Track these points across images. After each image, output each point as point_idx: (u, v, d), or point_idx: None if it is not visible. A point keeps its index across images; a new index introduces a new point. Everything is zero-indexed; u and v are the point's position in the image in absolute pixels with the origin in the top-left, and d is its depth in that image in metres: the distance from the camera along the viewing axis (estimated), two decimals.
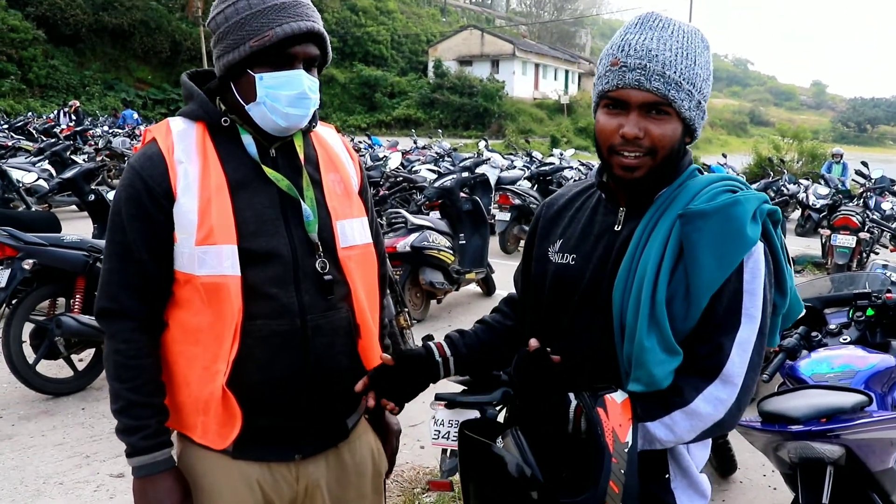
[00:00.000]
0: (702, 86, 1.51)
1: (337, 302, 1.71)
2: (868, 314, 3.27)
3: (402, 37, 57.22)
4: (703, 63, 1.51)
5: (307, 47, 1.63)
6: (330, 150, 1.84)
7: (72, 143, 15.48)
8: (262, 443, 1.70)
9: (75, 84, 36.67)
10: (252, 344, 1.61)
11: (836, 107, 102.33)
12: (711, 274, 1.42)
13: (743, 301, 1.45)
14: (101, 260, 4.74)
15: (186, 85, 1.71)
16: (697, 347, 1.45)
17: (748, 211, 1.45)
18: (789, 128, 27.67)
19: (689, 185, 1.54)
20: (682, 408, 1.44)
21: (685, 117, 1.50)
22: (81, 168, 7.67)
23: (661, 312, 1.43)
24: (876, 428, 2.38)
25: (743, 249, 1.44)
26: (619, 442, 1.39)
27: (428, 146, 19.43)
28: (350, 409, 1.84)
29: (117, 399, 1.64)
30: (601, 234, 1.62)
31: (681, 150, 1.55)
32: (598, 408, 1.43)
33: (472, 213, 7.60)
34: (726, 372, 1.43)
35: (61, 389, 5.00)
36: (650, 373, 1.42)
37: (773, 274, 1.51)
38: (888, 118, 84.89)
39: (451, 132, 41.53)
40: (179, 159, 1.61)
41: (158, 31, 41.38)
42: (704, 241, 1.43)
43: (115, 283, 1.64)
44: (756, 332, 1.46)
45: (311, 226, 1.69)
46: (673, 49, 1.47)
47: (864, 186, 11.77)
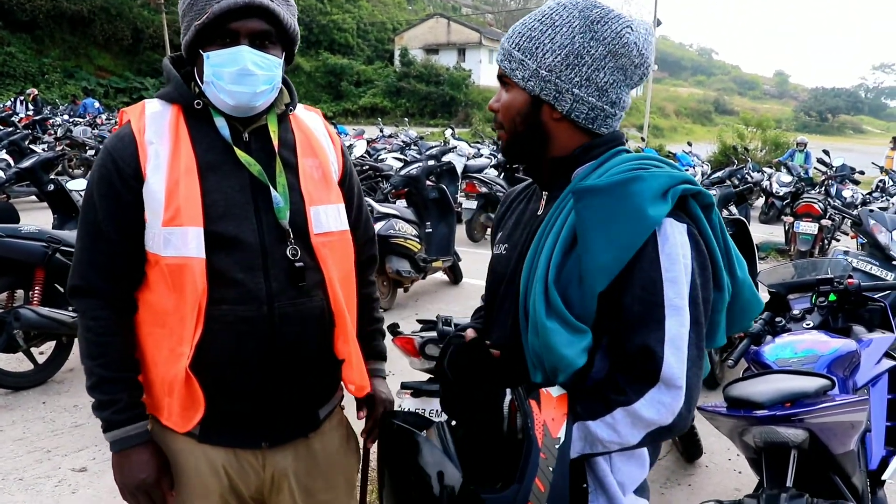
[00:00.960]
0: (544, 55, 1.44)
1: (309, 290, 1.70)
2: (830, 299, 3.32)
3: (368, 25, 56.83)
4: (561, 34, 1.44)
5: (249, 22, 1.60)
6: (310, 134, 1.82)
7: (30, 132, 15.16)
8: (227, 428, 1.70)
9: (34, 72, 35.84)
10: (217, 329, 1.60)
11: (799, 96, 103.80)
12: (603, 255, 1.32)
13: (664, 292, 1.31)
14: (60, 251, 4.75)
15: (166, 68, 1.73)
16: (623, 345, 1.35)
17: (651, 187, 1.33)
18: (753, 117, 27.96)
19: (606, 165, 1.46)
20: (624, 406, 1.31)
21: (523, 87, 1.47)
22: (40, 157, 7.53)
23: (553, 294, 1.34)
24: (838, 411, 2.41)
25: (641, 229, 1.31)
26: (549, 437, 1.29)
27: (394, 135, 19.35)
28: (322, 400, 1.83)
29: (90, 376, 1.67)
30: (528, 220, 1.58)
31: (538, 126, 1.49)
32: (530, 399, 1.34)
33: (439, 201, 7.59)
34: (665, 375, 1.30)
35: (21, 383, 4.89)
36: (560, 354, 1.32)
37: (705, 262, 1.39)
38: (848, 108, 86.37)
39: (418, 121, 41.39)
40: (150, 140, 1.62)
41: (119, 18, 40.58)
42: (594, 219, 1.34)
43: (85, 262, 1.67)
44: (687, 323, 1.32)
45: (281, 212, 1.67)
46: (527, 23, 1.48)
47: (825, 174, 11.95)
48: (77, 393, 4.87)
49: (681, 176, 1.39)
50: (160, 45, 39.70)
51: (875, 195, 11.46)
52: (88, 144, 15.60)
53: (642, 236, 1.31)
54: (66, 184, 6.75)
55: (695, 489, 3.94)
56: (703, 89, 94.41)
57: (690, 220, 1.39)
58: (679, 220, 1.37)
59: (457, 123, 38.22)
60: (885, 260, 5.04)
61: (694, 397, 1.34)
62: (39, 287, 4.88)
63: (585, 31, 1.43)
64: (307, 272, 1.69)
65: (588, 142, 1.49)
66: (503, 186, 10.38)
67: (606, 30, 1.43)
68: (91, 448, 4.10)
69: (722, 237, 1.45)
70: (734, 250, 1.48)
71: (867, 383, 2.91)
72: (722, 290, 1.42)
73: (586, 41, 1.43)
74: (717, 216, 1.45)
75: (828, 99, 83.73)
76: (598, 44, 1.43)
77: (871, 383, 2.94)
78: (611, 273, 1.31)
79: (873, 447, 2.87)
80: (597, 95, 1.45)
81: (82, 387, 4.97)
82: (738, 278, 1.47)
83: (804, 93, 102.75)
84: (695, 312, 1.34)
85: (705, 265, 1.38)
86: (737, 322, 1.52)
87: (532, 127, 1.49)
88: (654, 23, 31.99)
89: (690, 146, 20.16)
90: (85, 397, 4.66)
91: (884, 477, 2.86)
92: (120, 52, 41.44)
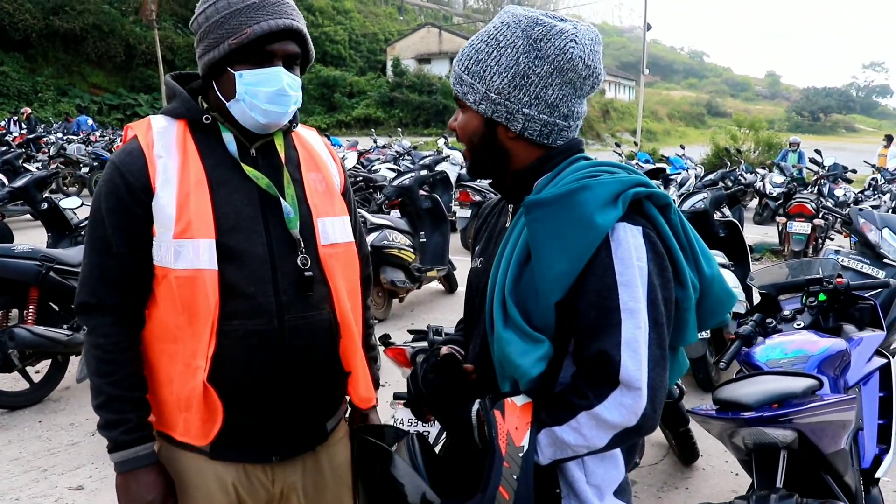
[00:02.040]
0: (491, 78, 1.45)
1: (317, 302, 1.71)
2: (820, 299, 3.33)
3: (360, 36, 56.95)
4: (506, 55, 1.45)
5: (286, 45, 1.64)
6: (312, 150, 1.85)
7: (24, 151, 15.16)
8: (238, 443, 1.69)
9: (27, 90, 35.85)
10: (229, 344, 1.61)
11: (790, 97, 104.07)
12: (556, 266, 1.34)
13: (619, 296, 1.32)
14: (54, 269, 4.76)
15: (170, 84, 1.74)
16: (582, 352, 1.36)
17: (599, 195, 1.35)
18: (745, 118, 27.96)
19: (563, 174, 1.47)
20: (586, 410, 1.32)
21: (476, 111, 1.49)
22: (33, 176, 7.52)
23: (509, 305, 1.37)
24: (827, 411, 2.42)
25: (591, 238, 1.33)
26: (513, 446, 1.30)
27: (388, 145, 19.36)
28: (330, 412, 1.84)
29: (98, 394, 1.65)
30: (499, 233, 1.60)
31: (495, 145, 1.51)
32: (495, 409, 1.35)
33: (432, 210, 7.61)
34: (624, 378, 1.30)
35: (17, 402, 4.90)
36: (515, 364, 1.34)
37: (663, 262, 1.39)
38: (840, 107, 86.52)
39: (412, 130, 41.44)
40: (159, 154, 1.62)
41: (112, 35, 40.60)
42: (544, 232, 1.36)
43: (94, 277, 1.65)
44: (644, 325, 1.32)
45: (291, 222, 1.69)
46: (474, 45, 1.49)
47: (817, 174, 11.99)
48: (73, 411, 4.87)
49: (633, 180, 1.41)
50: (153, 61, 39.69)
51: (867, 193, 11.48)
52: (83, 162, 15.63)
53: (593, 244, 1.33)
54: (58, 202, 6.75)
55: (692, 492, 3.94)
56: (695, 92, 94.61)
57: (647, 222, 1.40)
58: (633, 223, 1.38)
59: (450, 132, 38.20)
60: (876, 258, 5.06)
61: (659, 397, 1.34)
62: (34, 306, 4.88)
63: (529, 50, 1.43)
64: (315, 284, 1.70)
65: (544, 154, 1.51)
66: (496, 195, 10.38)
67: (550, 47, 1.42)
68: (87, 466, 4.10)
69: (684, 235, 1.46)
70: (700, 246, 1.49)
71: (858, 382, 2.92)
72: (686, 287, 1.43)
73: (531, 60, 1.43)
74: (677, 214, 1.47)
75: (819, 98, 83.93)
76: (543, 62, 1.43)
77: (862, 382, 2.95)
78: (564, 283, 1.34)
79: (866, 445, 2.87)
80: (548, 112, 1.46)
81: (78, 405, 4.99)
82: (705, 274, 1.47)
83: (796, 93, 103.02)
84: (654, 313, 1.34)
85: (664, 265, 1.39)
86: (709, 317, 1.52)
87: (490, 146, 1.52)
88: (645, 27, 32.12)
89: (683, 149, 20.17)
90: (81, 415, 4.71)
91: (877, 475, 2.86)
92: (113, 69, 41.46)
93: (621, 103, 62.45)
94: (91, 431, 4.52)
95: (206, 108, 1.69)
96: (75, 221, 6.60)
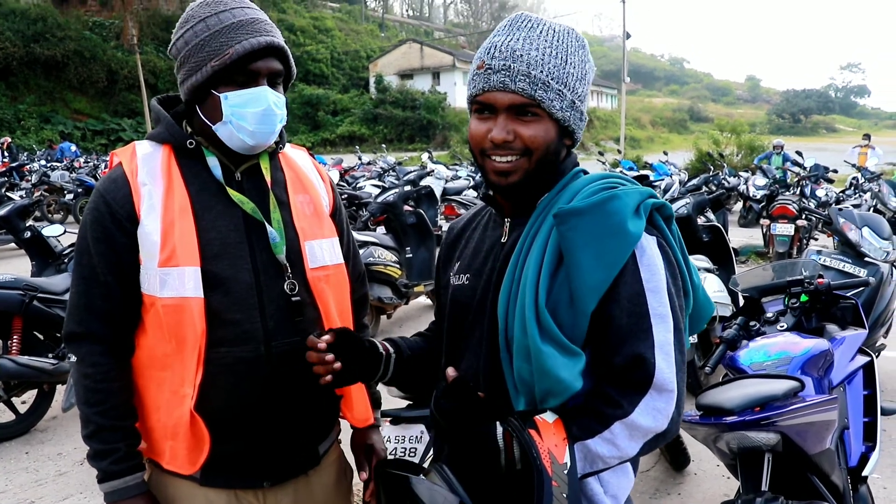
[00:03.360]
0: (575, 85, 1.44)
1: (307, 326, 1.69)
2: (802, 300, 3.35)
3: (342, 54, 57.10)
4: (577, 62, 1.45)
5: (269, 62, 1.63)
6: (299, 171, 1.83)
7: (6, 179, 15.09)
8: (229, 469, 1.68)
9: (10, 118, 35.81)
10: (217, 372, 1.60)
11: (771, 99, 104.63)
12: (593, 274, 1.34)
13: (648, 302, 1.36)
14: (38, 298, 4.72)
15: (154, 108, 1.73)
16: (612, 358, 1.36)
17: (627, 205, 1.38)
18: (727, 122, 28.20)
19: (571, 186, 1.48)
20: (622, 419, 1.32)
21: (558, 118, 1.43)
22: (15, 205, 7.46)
23: (545, 318, 1.35)
24: (809, 412, 2.43)
25: (626, 246, 1.36)
26: (557, 463, 1.28)
27: (373, 161, 19.40)
28: (322, 436, 1.83)
29: (87, 424, 1.64)
30: (490, 248, 1.58)
31: (558, 153, 1.49)
32: (529, 429, 1.31)
33: (417, 225, 7.59)
34: (658, 381, 1.33)
35: (3, 434, 4.84)
36: (557, 378, 1.32)
37: (675, 271, 1.44)
38: (820, 108, 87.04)
39: (397, 146, 41.54)
40: (143, 181, 1.61)
41: (93, 61, 40.62)
42: (581, 240, 1.36)
43: (82, 307, 1.64)
44: (672, 330, 1.37)
45: (277, 247, 1.67)
46: (540, 48, 1.41)
47: (799, 175, 12.08)
48: (60, 441, 4.82)
49: (646, 191, 1.44)
50: (136, 85, 39.71)
51: (848, 193, 11.59)
52: (67, 189, 15.57)
53: (627, 252, 1.36)
54: (42, 230, 6.71)
55: (684, 497, 3.94)
56: (677, 98, 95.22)
57: (658, 233, 1.44)
58: (649, 233, 1.42)
59: (435, 147, 38.41)
60: (857, 257, 5.08)
61: (682, 401, 1.37)
62: (18, 336, 4.83)
63: (587, 59, 1.48)
64: (304, 308, 1.69)
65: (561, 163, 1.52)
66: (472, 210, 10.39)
67: (589, 55, 1.49)
68: (76, 496, 4.05)
69: (679, 246, 1.50)
70: (687, 258, 1.52)
71: (842, 381, 2.93)
72: (688, 296, 1.48)
73: (588, 68, 1.48)
74: (675, 226, 1.51)
75: (799, 100, 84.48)
76: (590, 70, 1.49)
77: (846, 381, 2.96)
78: (601, 290, 1.34)
79: (852, 444, 2.88)
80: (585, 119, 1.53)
81: (66, 434, 4.93)
82: (695, 284, 1.52)
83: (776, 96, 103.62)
84: (675, 319, 1.38)
85: (675, 274, 1.43)
86: (695, 325, 1.58)
87: (555, 156, 1.49)
88: (625, 35, 32.34)
89: (666, 155, 20.30)
90: (69, 445, 4.67)
91: (864, 473, 2.87)
92: (95, 95, 41.46)
93: (604, 112, 62.85)
94: (79, 461, 4.48)
95: (190, 133, 1.68)
96: (59, 249, 6.55)
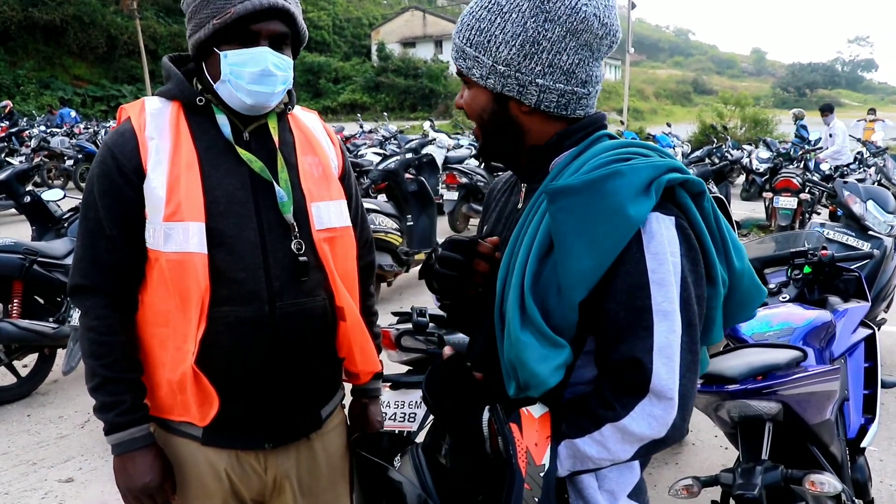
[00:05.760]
0: (498, 49, 1.32)
1: (312, 288, 1.69)
2: (805, 272, 3.34)
3: (344, 21, 56.71)
4: (511, 22, 1.31)
5: (271, 24, 1.61)
6: (309, 133, 1.82)
7: (6, 144, 15.03)
8: (230, 430, 1.68)
9: (9, 84, 35.58)
10: (219, 330, 1.60)
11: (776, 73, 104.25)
12: (581, 262, 1.19)
13: (652, 296, 1.19)
14: (38, 262, 4.71)
15: (165, 66, 1.73)
16: (608, 355, 1.23)
17: (632, 184, 1.20)
18: (731, 95, 27.98)
19: (586, 154, 1.32)
20: (612, 422, 1.20)
21: (483, 85, 1.36)
22: (14, 169, 7.44)
23: (528, 303, 1.23)
24: (810, 382, 2.43)
25: (622, 232, 1.19)
26: (533, 465, 1.18)
27: (374, 130, 19.31)
28: (324, 399, 1.82)
29: (93, 377, 1.64)
30: (509, 215, 1.48)
31: (506, 120, 1.39)
32: (511, 423, 1.22)
33: (418, 193, 7.57)
34: (655, 387, 1.17)
35: (4, 397, 4.87)
36: (533, 371, 1.20)
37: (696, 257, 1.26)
38: (825, 82, 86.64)
39: (398, 115, 41.39)
40: (151, 135, 1.61)
41: (93, 26, 40.25)
42: (570, 223, 1.21)
43: (87, 260, 1.64)
44: (678, 329, 1.20)
45: (285, 207, 1.66)
46: (473, 13, 1.36)
47: (803, 148, 12.02)
48: (61, 404, 4.84)
49: (666, 164, 1.26)
50: (135, 51, 39.39)
51: (853, 167, 11.52)
52: (67, 154, 15.50)
53: (624, 239, 1.19)
54: (41, 195, 6.69)
55: (682, 467, 3.96)
56: (681, 70, 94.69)
57: (679, 212, 1.26)
58: (666, 212, 1.24)
59: (437, 116, 38.19)
60: (861, 230, 5.07)
61: (689, 406, 1.22)
62: (18, 300, 4.84)
63: (537, 13, 1.29)
64: (310, 269, 1.68)
65: (564, 129, 1.38)
66: (484, 177, 10.38)
67: (560, 7, 1.28)
68: (77, 458, 4.08)
69: (716, 225, 1.31)
70: (731, 237, 1.35)
71: (843, 353, 2.93)
72: (716, 284, 1.29)
73: (540, 24, 1.29)
74: (710, 203, 1.31)
75: (805, 74, 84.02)
76: (554, 25, 1.29)
77: (847, 353, 2.96)
78: (591, 280, 1.20)
79: (851, 416, 2.90)
80: (564, 80, 1.33)
81: (66, 398, 4.96)
82: (735, 268, 1.33)
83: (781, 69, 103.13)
84: (687, 315, 1.21)
85: (697, 260, 1.25)
86: (736, 314, 1.40)
87: (502, 124, 1.38)
88: (629, 5, 32.01)
89: (670, 127, 20.23)
90: (70, 408, 4.69)
91: (863, 444, 2.88)
92: (95, 61, 41.15)
93: (608, 83, 62.36)
94: (79, 424, 4.50)
95: (200, 90, 1.67)
96: (59, 214, 6.53)
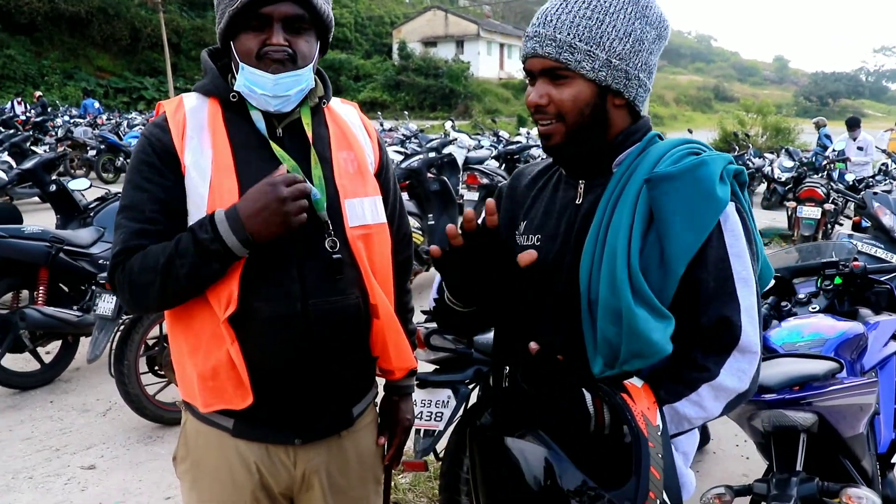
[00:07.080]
0: (612, 44, 1.44)
1: (345, 286, 1.67)
2: (836, 283, 3.32)
3: (366, 19, 56.82)
4: (621, 20, 1.45)
5: (282, 6, 1.58)
6: (345, 127, 1.80)
7: (31, 134, 15.16)
8: (261, 423, 1.67)
9: (33, 74, 35.91)
10: (252, 327, 1.59)
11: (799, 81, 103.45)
12: (685, 238, 1.38)
13: (732, 266, 1.41)
14: (63, 251, 4.75)
15: (203, 60, 1.74)
16: (699, 319, 1.41)
17: (715, 171, 1.42)
18: (753, 103, 27.94)
19: (651, 150, 1.50)
20: (708, 382, 1.38)
21: (591, 78, 1.45)
22: (41, 158, 7.53)
23: (638, 279, 1.38)
24: (847, 394, 2.40)
25: (715, 211, 1.40)
26: (651, 426, 1.31)
27: (395, 128, 19.33)
28: (357, 398, 1.81)
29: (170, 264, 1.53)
30: (563, 210, 1.58)
31: (602, 115, 1.49)
32: (621, 393, 1.35)
33: (440, 193, 7.56)
34: (743, 343, 1.38)
35: (28, 383, 4.92)
36: (649, 340, 1.34)
37: (751, 237, 1.47)
38: (849, 91, 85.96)
39: (418, 114, 41.39)
40: (189, 134, 1.61)
41: (117, 19, 40.58)
42: (674, 205, 1.40)
43: (128, 231, 1.60)
44: (755, 293, 1.42)
45: (318, 204, 1.64)
46: (573, 11, 1.44)
47: (827, 158, 11.92)
48: (84, 391, 4.88)
49: (727, 157, 1.48)
50: (158, 44, 39.62)
51: (878, 178, 11.41)
52: (90, 145, 15.62)
53: (715, 217, 1.40)
54: (66, 184, 6.73)
55: (703, 475, 3.93)
56: (702, 76, 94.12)
57: (735, 199, 1.47)
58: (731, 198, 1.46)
59: (457, 116, 38.21)
60: (890, 242, 5.02)
61: (761, 362, 1.42)
62: (44, 287, 4.89)
63: (640, 16, 1.47)
64: (344, 266, 1.66)
65: (627, 127, 1.53)
66: (504, 177, 10.35)
67: (654, 14, 1.49)
68: (99, 446, 4.11)
69: (750, 209, 1.52)
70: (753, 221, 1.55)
71: (875, 366, 2.90)
72: (758, 260, 1.51)
73: (643, 26, 1.47)
74: (746, 193, 1.54)
75: (828, 83, 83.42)
76: (651, 28, 1.49)
77: (879, 366, 2.93)
78: (691, 253, 1.38)
79: (882, 430, 2.86)
80: (649, 78, 1.52)
81: (89, 385, 5.00)
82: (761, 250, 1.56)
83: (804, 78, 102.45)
84: (755, 284, 1.43)
85: (751, 239, 1.47)
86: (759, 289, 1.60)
87: (598, 116, 1.49)
88: None
89: (691, 133, 20.09)
90: (92, 396, 4.73)
91: (894, 460, 2.86)
92: (118, 53, 41.46)
93: None
94: (101, 412, 4.53)
95: (234, 85, 1.66)
96: (84, 203, 6.57)
